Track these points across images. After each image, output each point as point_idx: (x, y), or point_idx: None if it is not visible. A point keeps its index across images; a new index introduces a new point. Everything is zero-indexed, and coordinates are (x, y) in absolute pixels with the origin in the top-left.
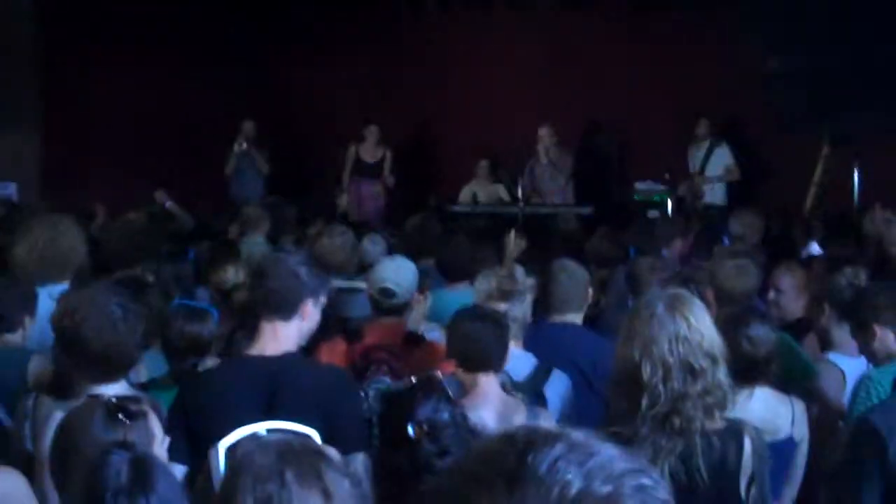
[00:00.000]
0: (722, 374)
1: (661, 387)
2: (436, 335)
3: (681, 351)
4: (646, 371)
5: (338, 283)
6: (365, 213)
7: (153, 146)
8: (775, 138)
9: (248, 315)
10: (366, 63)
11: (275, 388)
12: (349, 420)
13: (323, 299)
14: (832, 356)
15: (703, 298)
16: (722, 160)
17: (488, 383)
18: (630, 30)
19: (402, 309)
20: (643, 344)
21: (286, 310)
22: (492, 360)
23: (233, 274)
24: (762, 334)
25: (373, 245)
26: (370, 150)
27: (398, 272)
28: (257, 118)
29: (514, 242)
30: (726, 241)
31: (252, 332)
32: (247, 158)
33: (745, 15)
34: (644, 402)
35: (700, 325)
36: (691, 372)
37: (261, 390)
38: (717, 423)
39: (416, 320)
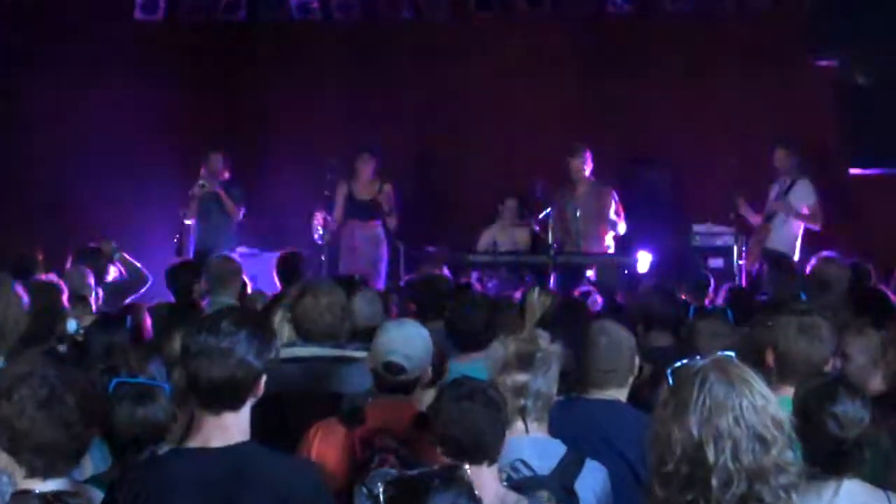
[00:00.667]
0: (790, 448)
1: (730, 464)
2: None
3: (748, 420)
4: (710, 448)
5: (326, 352)
6: (360, 266)
7: (97, 184)
8: (862, 171)
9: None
10: (359, 82)
11: (232, 490)
12: None
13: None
14: None
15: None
16: (803, 199)
17: (480, 477)
18: (681, 37)
19: (411, 386)
20: (702, 416)
21: (238, 402)
22: (484, 448)
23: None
24: (853, 412)
25: (367, 304)
26: (364, 184)
27: (408, 342)
28: (225, 150)
29: (538, 299)
30: (804, 296)
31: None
32: (213, 200)
33: (822, 14)
34: (714, 482)
35: (762, 390)
36: (762, 442)
37: (213, 494)
38: None
39: (430, 399)
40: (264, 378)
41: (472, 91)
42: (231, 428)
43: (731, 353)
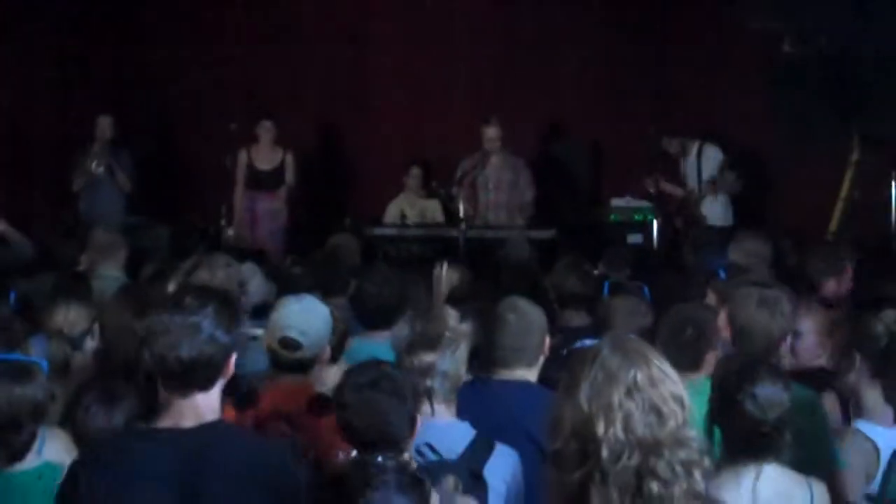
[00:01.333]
0: (691, 426)
1: (621, 434)
2: None
3: (643, 392)
4: (599, 421)
5: None
6: (260, 239)
7: None
8: (789, 143)
9: (103, 372)
10: (256, 40)
11: (198, 470)
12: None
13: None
14: (862, 424)
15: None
16: (714, 165)
17: None
18: (601, 7)
19: (308, 365)
20: (592, 390)
21: (209, 381)
22: (389, 439)
23: (75, 316)
24: (773, 394)
25: (264, 279)
26: (265, 153)
27: (305, 317)
28: (115, 113)
29: (445, 276)
30: (722, 274)
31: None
32: (102, 167)
33: None
34: (604, 454)
35: (662, 366)
36: (658, 414)
37: (180, 474)
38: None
39: (330, 378)
40: (235, 356)
41: (379, 56)
42: (202, 408)
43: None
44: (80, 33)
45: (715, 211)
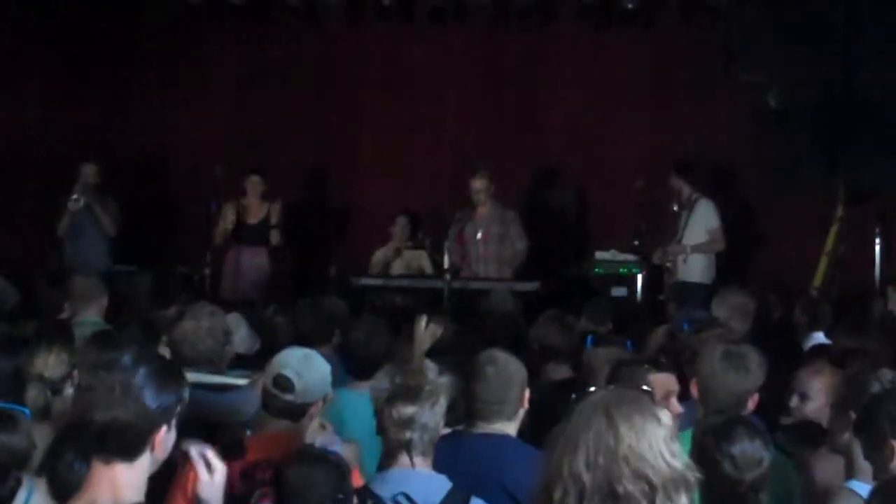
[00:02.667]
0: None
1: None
2: (336, 450)
3: (602, 466)
4: (557, 491)
5: (206, 378)
6: (243, 290)
7: None
8: (774, 196)
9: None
10: (244, 87)
11: None
12: None
13: (180, 410)
14: (855, 484)
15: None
16: (703, 222)
17: None
18: (589, 54)
19: (298, 412)
20: (587, 458)
21: (128, 450)
22: None
23: (55, 361)
24: (751, 453)
25: (238, 327)
26: (253, 207)
27: (304, 363)
28: (101, 161)
29: (425, 330)
30: (686, 326)
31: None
32: (87, 213)
33: (736, 37)
34: None
35: (634, 435)
36: (613, 497)
37: None
38: None
39: (313, 430)
40: (165, 432)
41: (367, 104)
42: (122, 486)
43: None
44: (68, 79)
45: (697, 266)
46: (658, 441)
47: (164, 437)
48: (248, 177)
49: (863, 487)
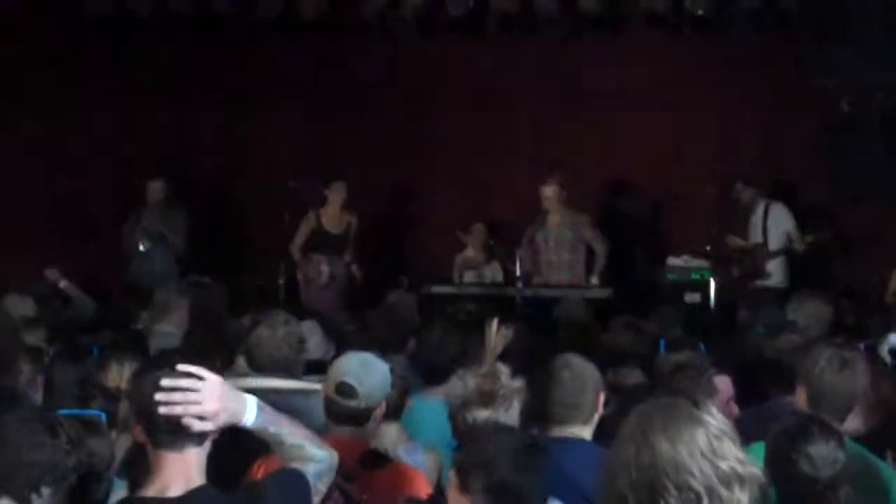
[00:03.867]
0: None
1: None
2: (417, 458)
3: (644, 485)
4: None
5: (282, 383)
6: (324, 302)
7: (38, 213)
8: (846, 204)
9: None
10: (317, 104)
11: None
12: None
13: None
14: None
15: None
16: (781, 225)
17: None
18: (661, 63)
19: (363, 417)
20: (607, 477)
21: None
22: None
23: (129, 372)
24: (827, 453)
25: (312, 335)
26: (334, 216)
27: (364, 368)
28: (169, 176)
29: (496, 333)
30: (760, 330)
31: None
32: (149, 244)
33: (808, 43)
34: None
35: (671, 446)
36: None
37: None
38: None
39: (392, 439)
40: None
41: (442, 113)
42: (192, 469)
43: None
44: (139, 92)
45: (776, 270)
46: (698, 445)
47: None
48: (331, 183)
49: None
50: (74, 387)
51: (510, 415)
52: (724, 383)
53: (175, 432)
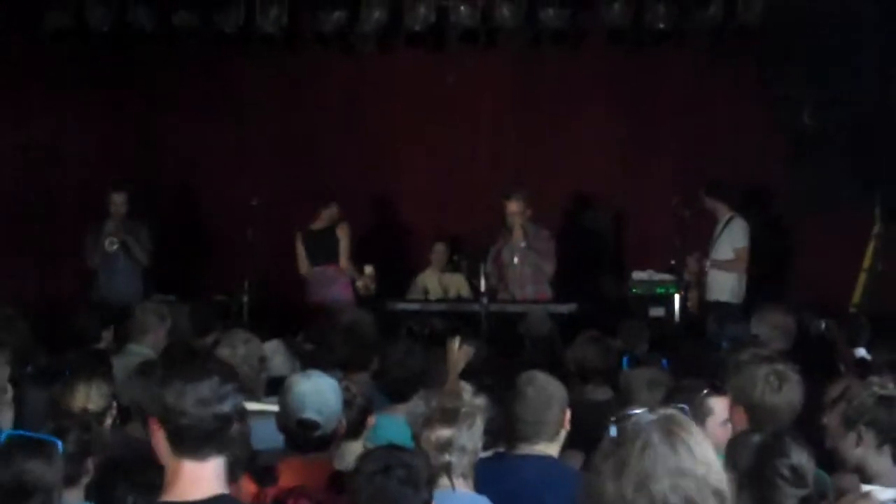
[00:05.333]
0: None
1: None
2: None
3: (684, 488)
4: None
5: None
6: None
7: None
8: (811, 214)
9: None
10: (277, 119)
11: None
12: None
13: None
14: (873, 488)
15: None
16: (732, 241)
17: None
18: (623, 76)
19: (326, 441)
20: (638, 480)
21: (219, 441)
22: None
23: (95, 395)
24: (805, 465)
25: (275, 354)
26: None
27: (318, 396)
28: (132, 189)
29: (459, 350)
30: (724, 344)
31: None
32: (120, 247)
33: (770, 56)
34: None
35: (705, 456)
36: None
37: None
38: None
39: (352, 455)
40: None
41: (401, 131)
42: (212, 478)
43: (683, 406)
44: (102, 108)
45: (727, 285)
46: (715, 457)
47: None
48: (324, 207)
49: (882, 490)
50: (45, 409)
51: (473, 433)
52: (720, 405)
53: (201, 440)
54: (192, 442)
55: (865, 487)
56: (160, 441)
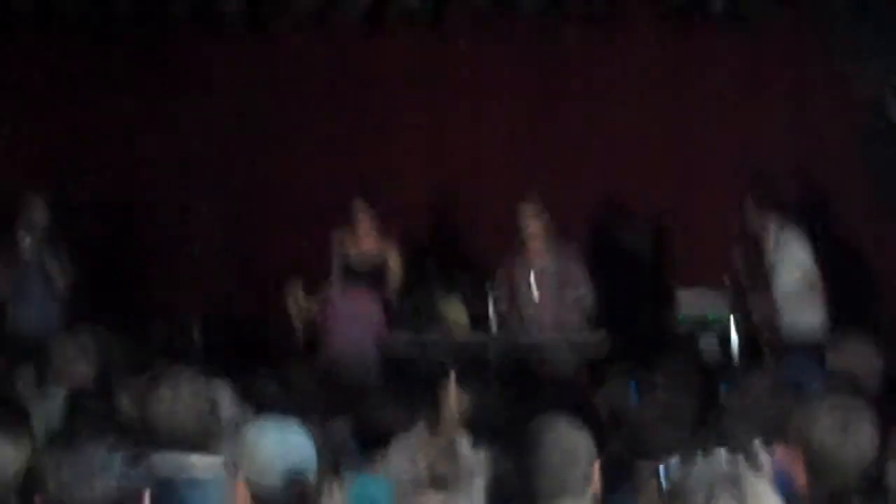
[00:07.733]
0: None
1: None
2: None
3: None
4: None
5: (183, 463)
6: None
7: None
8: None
9: None
10: (239, 115)
11: None
12: None
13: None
14: None
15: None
16: (791, 260)
17: None
18: (664, 58)
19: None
20: None
21: None
22: None
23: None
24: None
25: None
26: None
27: (286, 460)
28: (54, 196)
29: (455, 394)
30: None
31: None
32: (35, 265)
33: (847, 35)
34: None
35: None
36: None
37: None
38: None
39: None
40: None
41: (392, 124)
42: None
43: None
44: (25, 99)
45: (802, 315)
46: None
47: None
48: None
49: None
50: None
51: (472, 495)
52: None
53: None
54: None
55: None
56: None
